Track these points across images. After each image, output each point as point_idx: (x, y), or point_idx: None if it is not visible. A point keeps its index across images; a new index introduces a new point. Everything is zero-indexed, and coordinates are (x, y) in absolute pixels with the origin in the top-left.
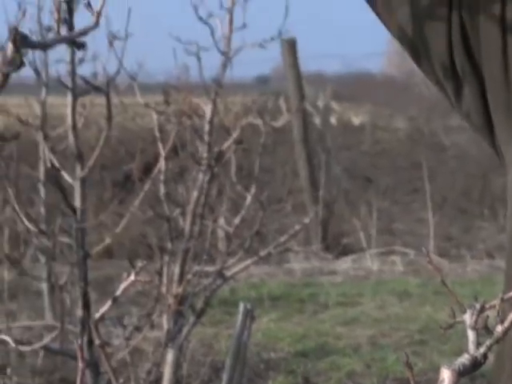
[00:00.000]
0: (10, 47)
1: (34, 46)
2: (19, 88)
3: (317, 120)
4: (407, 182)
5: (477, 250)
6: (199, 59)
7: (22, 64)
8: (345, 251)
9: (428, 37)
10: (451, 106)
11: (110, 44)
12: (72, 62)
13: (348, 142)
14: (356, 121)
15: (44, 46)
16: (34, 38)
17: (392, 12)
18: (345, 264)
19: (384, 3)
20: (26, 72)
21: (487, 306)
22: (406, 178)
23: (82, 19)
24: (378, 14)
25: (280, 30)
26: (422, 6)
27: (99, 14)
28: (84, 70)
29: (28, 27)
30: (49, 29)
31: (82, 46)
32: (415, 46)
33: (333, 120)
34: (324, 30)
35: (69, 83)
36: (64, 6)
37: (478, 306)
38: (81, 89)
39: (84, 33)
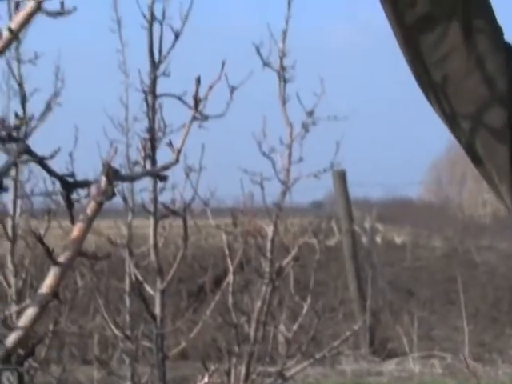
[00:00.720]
0: (103, 180)
1: (123, 179)
2: (109, 212)
3: (364, 239)
4: (444, 295)
5: (507, 355)
6: (262, 187)
7: (113, 194)
8: (390, 355)
9: (489, 153)
10: (506, 209)
11: (187, 175)
12: (154, 190)
13: (391, 258)
14: (398, 240)
15: (132, 179)
16: (123, 171)
17: (450, 122)
18: (390, 366)
19: (445, 115)
20: (116, 199)
21: None
22: (442, 291)
23: (163, 155)
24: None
25: (332, 162)
26: (483, 126)
27: (179, 152)
28: (164, 197)
29: (118, 162)
30: (135, 163)
31: (163, 178)
32: (476, 153)
33: (378, 239)
34: (369, 161)
35: (151, 208)
36: (148, 144)
37: None
38: (161, 213)
39: (166, 168)
